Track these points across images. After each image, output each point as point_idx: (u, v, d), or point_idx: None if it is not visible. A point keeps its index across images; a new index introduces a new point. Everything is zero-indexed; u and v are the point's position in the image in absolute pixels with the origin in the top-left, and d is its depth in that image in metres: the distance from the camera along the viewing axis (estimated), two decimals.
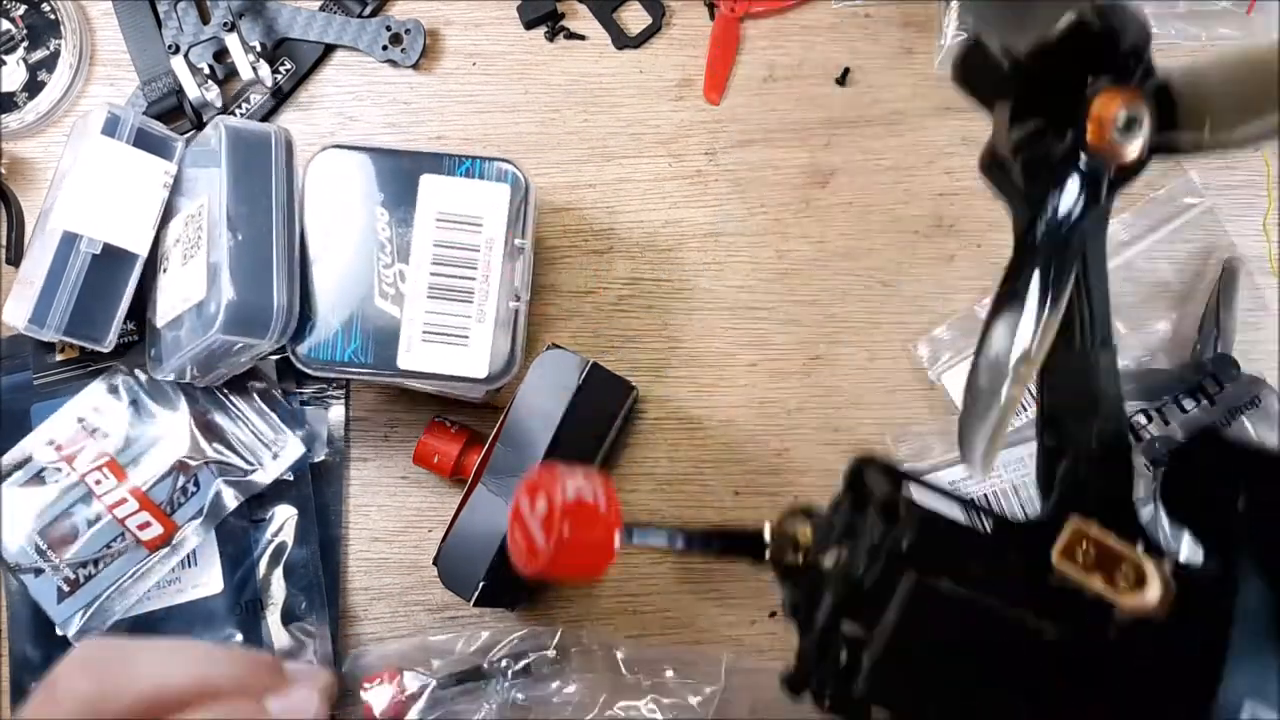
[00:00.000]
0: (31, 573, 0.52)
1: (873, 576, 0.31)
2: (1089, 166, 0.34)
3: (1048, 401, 0.37)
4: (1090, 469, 0.35)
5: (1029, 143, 0.35)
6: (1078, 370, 0.36)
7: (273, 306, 0.48)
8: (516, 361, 0.50)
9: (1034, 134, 0.34)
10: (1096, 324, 0.36)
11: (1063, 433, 0.36)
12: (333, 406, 0.56)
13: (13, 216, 0.56)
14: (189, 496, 0.53)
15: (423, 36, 0.57)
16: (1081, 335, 0.36)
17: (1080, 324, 0.36)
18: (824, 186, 0.57)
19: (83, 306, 0.50)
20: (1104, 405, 0.36)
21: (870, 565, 0.31)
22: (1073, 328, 0.36)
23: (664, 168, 0.57)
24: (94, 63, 0.58)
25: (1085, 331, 0.36)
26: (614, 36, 0.58)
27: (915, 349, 0.55)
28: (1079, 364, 0.36)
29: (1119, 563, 0.28)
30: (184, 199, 0.51)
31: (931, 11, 0.57)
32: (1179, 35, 0.56)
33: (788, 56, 0.58)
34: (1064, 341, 0.36)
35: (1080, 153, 0.33)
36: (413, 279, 0.49)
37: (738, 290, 0.56)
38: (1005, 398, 0.34)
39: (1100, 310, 0.36)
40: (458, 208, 0.50)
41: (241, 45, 0.55)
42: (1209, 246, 0.55)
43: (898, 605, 0.30)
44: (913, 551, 0.31)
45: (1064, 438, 0.36)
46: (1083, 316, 0.36)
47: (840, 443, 0.55)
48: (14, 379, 0.55)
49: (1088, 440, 0.35)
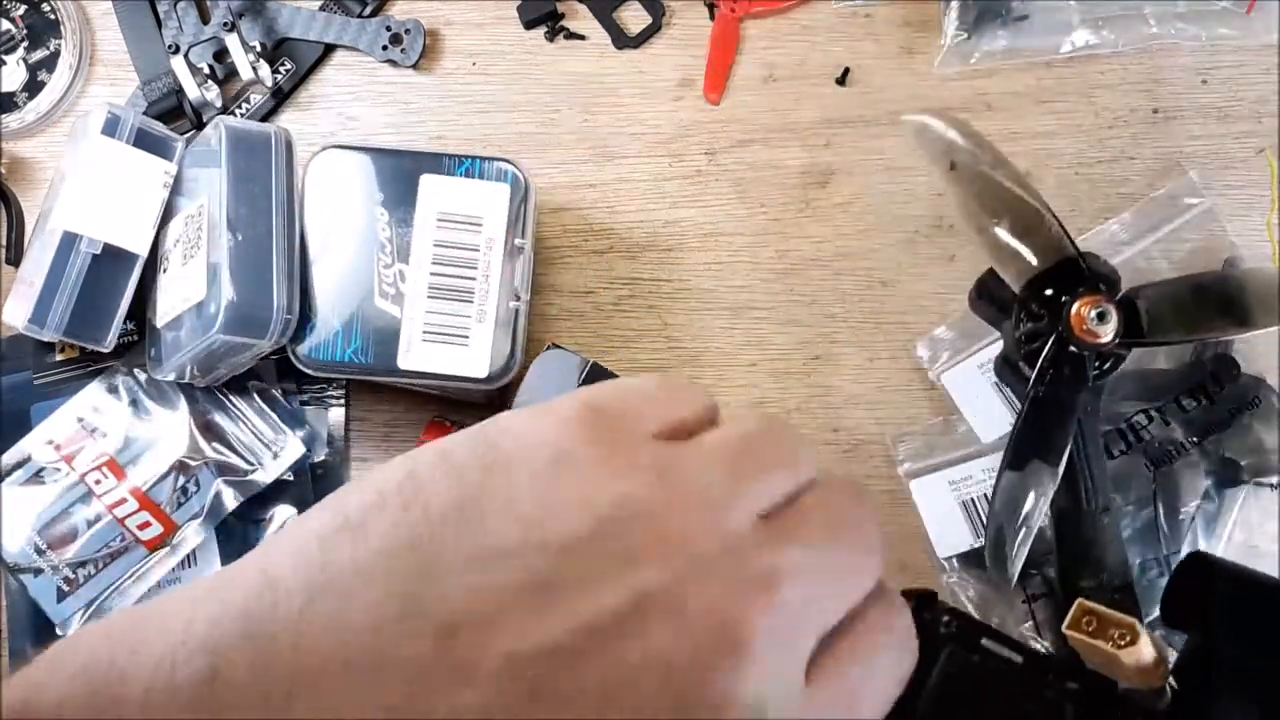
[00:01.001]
0: (31, 573, 0.52)
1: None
2: (1074, 353, 0.46)
3: (1061, 552, 0.49)
4: None
5: (1028, 339, 0.47)
6: (1087, 530, 0.47)
7: (273, 307, 0.48)
8: (516, 361, 0.50)
9: (1031, 334, 0.47)
10: (1098, 490, 0.47)
11: (1076, 586, 0.47)
12: (333, 406, 0.56)
13: (13, 216, 0.56)
14: (189, 496, 0.53)
15: (423, 36, 0.57)
16: (1086, 498, 0.47)
17: (1085, 489, 0.47)
18: (824, 186, 0.57)
19: (83, 306, 0.50)
20: (1110, 565, 0.47)
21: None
22: (1077, 492, 0.47)
23: (664, 168, 0.57)
24: (94, 63, 0.58)
25: (1089, 496, 0.47)
26: (614, 36, 0.58)
27: (915, 349, 0.55)
28: (1087, 525, 0.47)
29: (1116, 627, 0.35)
30: (184, 199, 0.51)
31: (931, 11, 0.57)
32: (1179, 35, 0.56)
33: (788, 56, 0.58)
34: (1072, 503, 0.47)
35: (1067, 342, 0.46)
36: (413, 279, 0.49)
37: (738, 290, 0.56)
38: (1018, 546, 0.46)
39: (1099, 478, 0.47)
40: (458, 208, 0.50)
41: (241, 45, 0.55)
42: (1209, 246, 0.55)
43: (938, 673, 0.35)
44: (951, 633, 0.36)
45: (1078, 590, 0.47)
46: (1085, 484, 0.47)
47: (840, 443, 0.55)
48: (14, 379, 0.55)
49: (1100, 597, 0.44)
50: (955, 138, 0.48)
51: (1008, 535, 0.47)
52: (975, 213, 0.48)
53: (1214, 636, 0.34)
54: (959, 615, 0.37)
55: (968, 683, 0.35)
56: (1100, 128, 0.56)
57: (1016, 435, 0.47)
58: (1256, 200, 0.56)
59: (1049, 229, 0.46)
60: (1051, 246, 0.46)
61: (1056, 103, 0.57)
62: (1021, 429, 0.47)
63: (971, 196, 0.47)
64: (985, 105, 0.57)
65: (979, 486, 0.53)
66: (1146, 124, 0.56)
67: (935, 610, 0.37)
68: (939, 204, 0.56)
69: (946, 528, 0.53)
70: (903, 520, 0.54)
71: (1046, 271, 0.46)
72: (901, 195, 0.56)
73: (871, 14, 0.58)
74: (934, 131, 0.48)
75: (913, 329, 0.56)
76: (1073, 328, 0.45)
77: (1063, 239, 0.46)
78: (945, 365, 0.54)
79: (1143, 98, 0.56)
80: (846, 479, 0.27)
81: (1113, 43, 0.56)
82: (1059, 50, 0.56)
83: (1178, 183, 0.55)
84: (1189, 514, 0.51)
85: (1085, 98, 0.57)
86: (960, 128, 0.48)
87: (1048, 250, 0.46)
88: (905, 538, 0.54)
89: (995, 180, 0.47)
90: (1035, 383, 0.46)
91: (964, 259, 0.56)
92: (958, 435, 0.54)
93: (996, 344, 0.53)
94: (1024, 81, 0.57)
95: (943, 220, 0.56)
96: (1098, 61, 0.57)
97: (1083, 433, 0.47)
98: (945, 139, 0.48)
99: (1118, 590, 0.47)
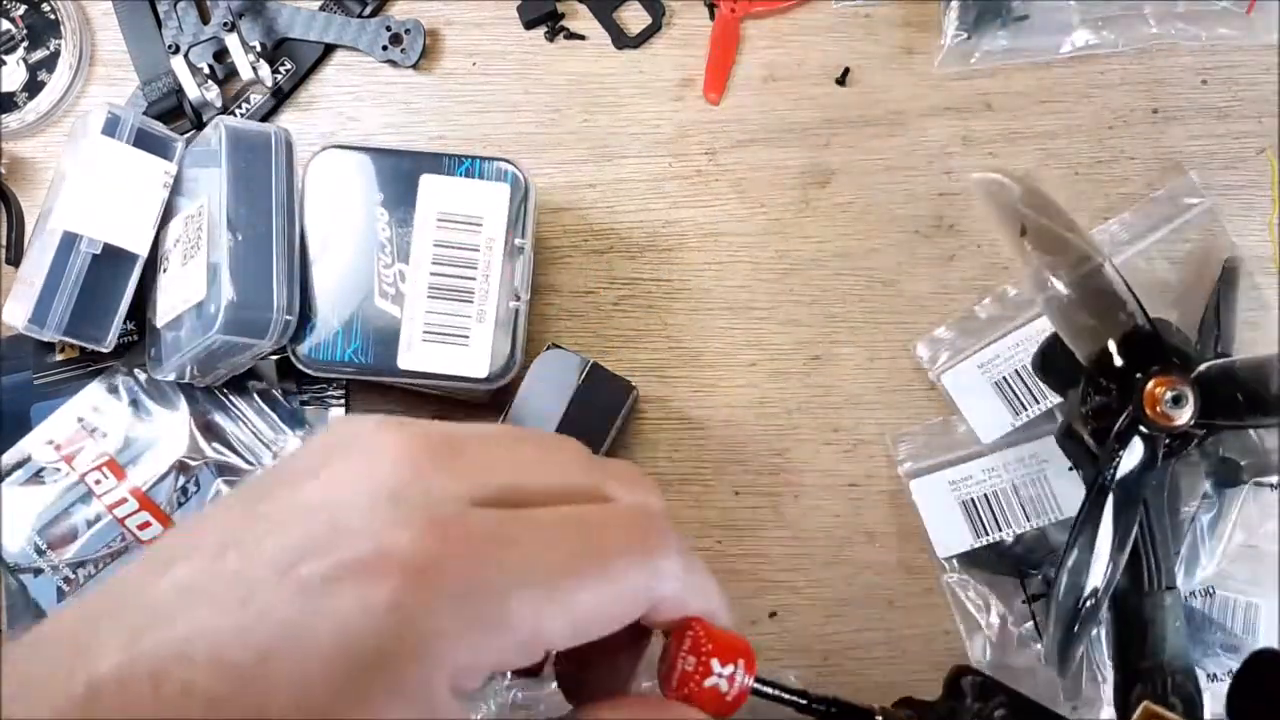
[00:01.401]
0: (31, 573, 0.52)
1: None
2: (1147, 434, 0.43)
3: (1124, 632, 0.47)
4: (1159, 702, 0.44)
5: (1096, 415, 0.45)
6: (1147, 611, 0.46)
7: (273, 307, 0.48)
8: (516, 361, 0.50)
9: (1100, 409, 0.44)
10: (1161, 570, 0.46)
11: (1140, 665, 0.46)
12: (333, 406, 0.56)
13: (13, 216, 0.56)
14: (189, 496, 0.53)
15: (423, 36, 0.57)
16: (1149, 578, 0.45)
17: (1148, 569, 0.46)
18: (824, 186, 0.57)
19: (83, 306, 0.50)
20: (1172, 646, 0.45)
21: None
22: (1139, 571, 0.45)
23: (664, 168, 0.57)
24: (94, 63, 0.58)
25: (1152, 575, 0.46)
26: (614, 36, 0.58)
27: (915, 349, 0.55)
28: (1148, 606, 0.46)
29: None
30: (184, 199, 0.51)
31: (931, 11, 0.57)
32: (1179, 35, 0.56)
33: (788, 56, 0.58)
34: (1134, 583, 0.46)
35: (1139, 423, 0.43)
36: (413, 279, 0.49)
37: (738, 290, 0.56)
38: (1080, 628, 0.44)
39: (1164, 557, 0.46)
40: (458, 207, 0.50)
41: (241, 45, 0.55)
42: (1209, 246, 0.55)
43: None
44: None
45: (1136, 671, 0.46)
46: (1149, 563, 0.46)
47: (840, 443, 0.55)
48: (14, 379, 0.55)
49: (1160, 678, 0.45)
50: (1027, 200, 0.45)
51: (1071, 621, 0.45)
52: (1046, 280, 0.45)
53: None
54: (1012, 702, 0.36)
55: None
56: (1100, 128, 0.56)
57: (1083, 518, 0.44)
58: (1256, 200, 0.56)
59: (1126, 299, 0.44)
60: (1126, 317, 0.44)
61: (1056, 103, 0.57)
62: (1089, 511, 0.44)
63: (1044, 260, 0.45)
64: (985, 105, 0.57)
65: (979, 486, 0.53)
66: (1146, 124, 0.56)
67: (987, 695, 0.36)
68: (939, 204, 0.56)
69: (946, 528, 0.53)
70: (903, 520, 0.54)
71: (1120, 342, 0.44)
72: (901, 195, 0.57)
73: (871, 14, 0.58)
74: (1007, 193, 0.46)
75: (913, 329, 0.56)
76: (1145, 409, 0.43)
77: (1136, 311, 0.44)
78: (945, 365, 0.55)
79: (1143, 98, 0.56)
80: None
81: (1113, 43, 0.56)
82: (1059, 50, 0.56)
83: (1178, 183, 0.55)
84: (1189, 514, 0.51)
85: (1085, 98, 0.57)
86: (1031, 189, 0.46)
87: (1122, 323, 0.44)
88: (905, 538, 0.54)
89: (1073, 244, 0.45)
90: (1104, 463, 0.44)
91: (964, 259, 0.56)
92: (958, 435, 0.54)
93: (996, 344, 0.53)
94: (1024, 81, 0.57)
95: (943, 220, 0.56)
96: (1098, 61, 0.57)
97: (1149, 510, 0.45)
98: (1016, 200, 0.46)
99: (1179, 672, 0.45)
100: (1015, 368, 0.53)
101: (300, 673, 0.24)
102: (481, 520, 0.27)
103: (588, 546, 0.27)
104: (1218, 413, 0.43)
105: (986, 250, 0.56)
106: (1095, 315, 0.44)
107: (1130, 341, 0.44)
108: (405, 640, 0.24)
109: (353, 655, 0.24)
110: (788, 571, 0.55)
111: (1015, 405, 0.53)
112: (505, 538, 0.26)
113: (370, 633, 0.24)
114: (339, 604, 0.24)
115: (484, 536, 0.26)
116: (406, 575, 0.25)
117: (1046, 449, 0.53)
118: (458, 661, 0.25)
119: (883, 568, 0.55)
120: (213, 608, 0.25)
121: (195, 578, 0.26)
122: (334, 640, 0.24)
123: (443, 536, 0.26)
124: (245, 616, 0.25)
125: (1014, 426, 0.53)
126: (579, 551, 0.27)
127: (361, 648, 0.24)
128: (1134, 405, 0.43)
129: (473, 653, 0.25)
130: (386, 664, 0.24)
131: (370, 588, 0.25)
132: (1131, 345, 0.44)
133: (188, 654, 0.24)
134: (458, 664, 0.25)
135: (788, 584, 0.55)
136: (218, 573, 0.26)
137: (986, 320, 0.55)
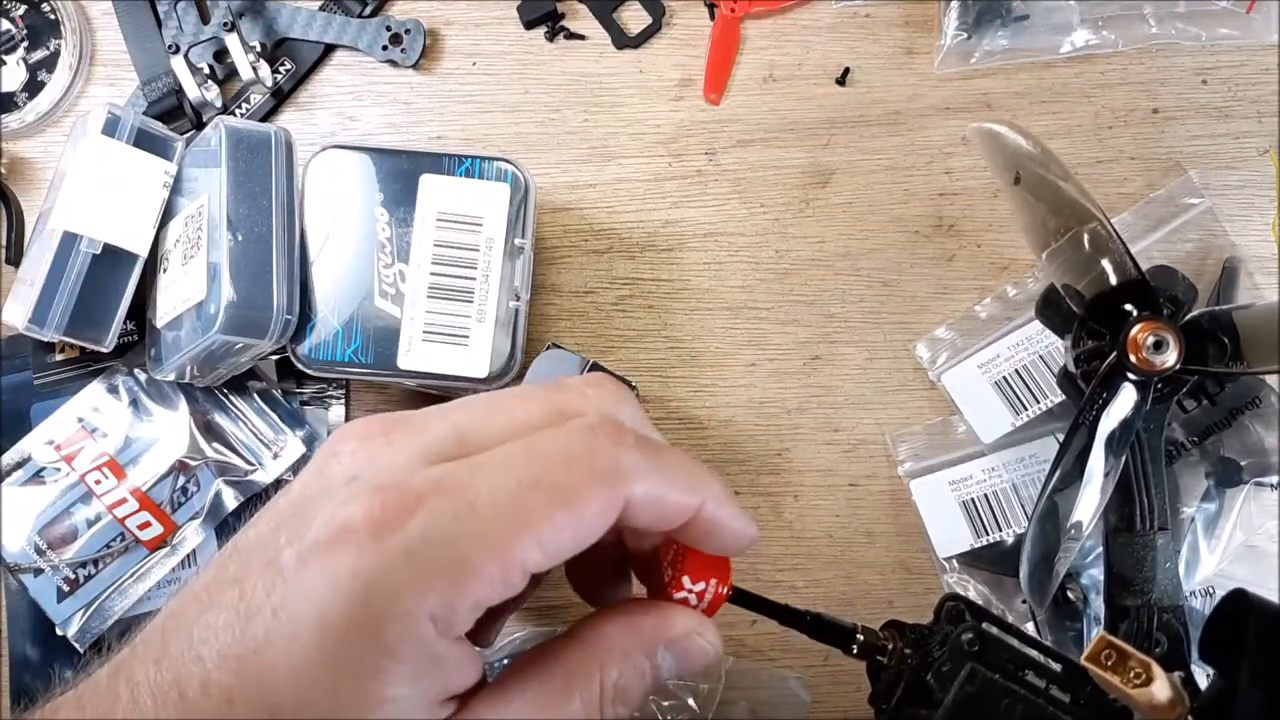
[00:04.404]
0: (31, 573, 0.52)
1: (940, 668, 0.37)
2: (1136, 377, 0.45)
3: (1114, 569, 0.47)
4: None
5: (1088, 358, 0.46)
6: (1138, 550, 0.47)
7: (272, 307, 0.48)
8: (516, 361, 0.50)
9: (1091, 353, 0.46)
10: (1155, 511, 0.47)
11: (1126, 603, 0.46)
12: (333, 406, 0.56)
13: (13, 216, 0.56)
14: (189, 496, 0.53)
15: (423, 36, 0.57)
16: (1141, 518, 0.47)
17: (1140, 509, 0.47)
18: (824, 186, 0.57)
19: (83, 306, 0.50)
20: (1161, 585, 0.46)
21: (938, 659, 0.37)
22: (1132, 510, 0.47)
23: (664, 168, 0.57)
24: (94, 63, 0.58)
25: (1144, 515, 0.47)
26: (614, 36, 0.58)
27: (915, 349, 0.55)
28: (1139, 545, 0.47)
29: (1133, 664, 0.34)
30: (184, 199, 0.51)
31: (931, 11, 0.57)
32: (1179, 35, 0.56)
33: (788, 56, 0.58)
34: (1124, 522, 0.47)
35: (1123, 368, 0.44)
36: (413, 279, 0.49)
37: (738, 290, 0.56)
38: (1061, 559, 0.45)
39: (1158, 498, 0.47)
40: (458, 207, 0.50)
41: (241, 45, 0.55)
42: (1209, 246, 0.55)
43: (956, 687, 0.36)
44: (975, 649, 0.36)
45: (1121, 609, 0.47)
46: (1142, 503, 0.47)
47: (840, 443, 0.55)
48: (14, 379, 0.55)
49: (1146, 615, 0.46)
50: (1025, 148, 0.46)
51: (1047, 556, 0.46)
52: (1039, 226, 0.46)
53: (1239, 679, 0.33)
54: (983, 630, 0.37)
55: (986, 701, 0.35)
56: (1100, 128, 0.56)
57: (1061, 450, 0.46)
58: (1256, 200, 0.56)
59: (1116, 248, 0.45)
60: (1117, 265, 0.45)
61: (1056, 103, 0.57)
62: (1066, 444, 0.45)
63: (1038, 209, 0.46)
64: (985, 105, 0.57)
65: (979, 486, 0.53)
66: (1146, 124, 0.56)
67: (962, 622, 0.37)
68: (939, 204, 0.56)
69: (947, 528, 0.53)
70: (903, 520, 0.54)
71: (1111, 290, 0.45)
72: (901, 195, 0.56)
73: (871, 14, 0.58)
74: (1004, 140, 0.47)
75: (913, 329, 0.56)
76: (1129, 353, 0.44)
77: (1125, 258, 0.45)
78: (945, 365, 0.55)
79: (1143, 98, 0.56)
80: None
81: (1113, 43, 0.56)
82: (1059, 50, 0.56)
83: (1178, 183, 0.55)
84: (1189, 514, 0.51)
85: (1085, 98, 0.57)
86: (1029, 138, 0.47)
87: (1114, 268, 0.45)
88: (905, 538, 0.54)
89: (1066, 194, 0.46)
90: (1084, 407, 0.45)
91: (964, 259, 0.56)
92: (958, 435, 0.54)
93: (996, 344, 0.53)
94: (1024, 81, 0.57)
95: (943, 220, 0.56)
96: (1098, 61, 0.57)
97: (1144, 449, 0.46)
98: (1013, 149, 0.47)
99: (1166, 610, 0.46)
100: (1015, 368, 0.53)
101: (289, 655, 0.26)
102: (426, 476, 0.28)
103: (534, 471, 0.28)
104: (1202, 359, 0.45)
105: (986, 250, 0.56)
106: (1087, 262, 0.45)
107: (1122, 289, 0.45)
108: (373, 602, 0.26)
109: (329, 627, 0.26)
110: (788, 571, 0.55)
111: (1015, 405, 0.53)
112: (451, 486, 0.27)
113: (340, 602, 0.26)
114: (309, 584, 0.26)
115: (432, 490, 0.27)
116: (360, 543, 0.26)
117: (1047, 449, 0.53)
118: (432, 609, 0.26)
119: (883, 568, 0.55)
120: (215, 609, 0.27)
121: (207, 585, 0.28)
122: (312, 618, 0.26)
123: (392, 501, 0.27)
124: (238, 612, 0.27)
125: (1014, 426, 0.53)
126: (527, 479, 0.28)
127: (336, 619, 0.26)
128: (1118, 350, 0.44)
129: (443, 598, 0.26)
130: (365, 628, 0.26)
131: (332, 561, 0.26)
132: (1120, 293, 0.45)
133: (200, 655, 0.26)
134: (433, 611, 0.26)
135: (788, 584, 0.55)
136: (220, 579, 0.28)
137: (986, 320, 0.55)
